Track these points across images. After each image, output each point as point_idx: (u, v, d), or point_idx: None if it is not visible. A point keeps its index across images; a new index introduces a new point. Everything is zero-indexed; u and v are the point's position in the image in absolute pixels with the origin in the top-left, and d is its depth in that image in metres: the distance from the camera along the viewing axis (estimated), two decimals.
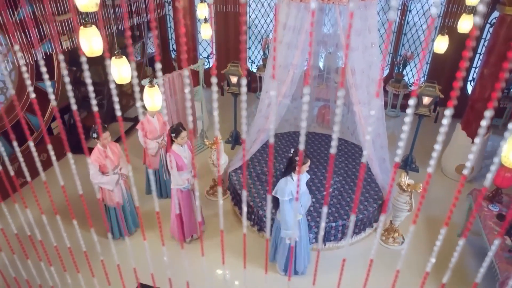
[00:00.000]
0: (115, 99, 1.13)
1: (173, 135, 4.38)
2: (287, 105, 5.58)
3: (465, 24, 5.02)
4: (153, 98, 4.24)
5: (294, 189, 3.85)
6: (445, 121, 0.75)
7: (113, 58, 3.59)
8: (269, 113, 5.37)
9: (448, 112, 0.73)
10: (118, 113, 1.10)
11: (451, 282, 4.25)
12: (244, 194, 1.21)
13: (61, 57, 1.06)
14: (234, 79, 6.45)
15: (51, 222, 1.78)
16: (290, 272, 4.40)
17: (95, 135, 4.35)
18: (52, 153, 1.35)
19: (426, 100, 5.74)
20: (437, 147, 0.84)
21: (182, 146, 4.47)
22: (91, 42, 3.07)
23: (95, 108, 1.08)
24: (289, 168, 3.92)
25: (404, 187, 4.56)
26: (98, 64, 6.95)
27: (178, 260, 4.40)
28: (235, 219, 5.47)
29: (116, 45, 4.51)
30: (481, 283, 4.43)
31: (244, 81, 0.95)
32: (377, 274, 4.38)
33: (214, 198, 5.88)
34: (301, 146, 1.04)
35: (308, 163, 3.91)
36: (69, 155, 1.31)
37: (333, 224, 4.76)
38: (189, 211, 4.74)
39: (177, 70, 6.39)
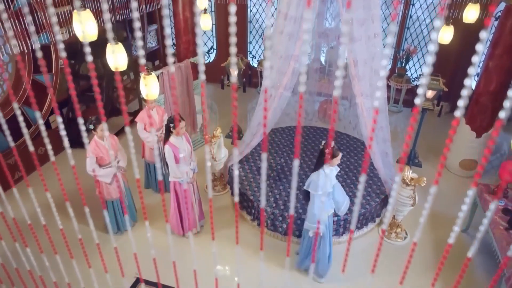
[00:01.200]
0: (100, 97, 1.06)
1: (171, 125, 4.31)
2: (288, 98, 5.48)
3: (471, 13, 4.89)
4: (149, 87, 4.12)
5: (326, 183, 3.75)
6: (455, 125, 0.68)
7: (109, 44, 3.44)
8: (270, 105, 5.28)
9: (459, 113, 0.66)
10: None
11: (454, 276, 4.18)
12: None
13: (39, 54, 0.99)
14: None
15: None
16: (314, 257, 4.22)
17: (91, 127, 4.30)
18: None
19: (429, 93, 5.65)
20: (445, 149, 0.77)
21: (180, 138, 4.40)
22: (85, 26, 2.96)
23: (77, 106, 1.01)
24: (320, 160, 3.84)
25: (407, 181, 4.48)
26: (96, 57, 6.86)
27: (175, 251, 4.37)
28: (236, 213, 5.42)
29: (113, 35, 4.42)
30: (487, 280, 4.37)
31: (234, 78, 0.88)
32: (379, 270, 4.33)
33: (214, 192, 5.83)
34: (298, 141, 0.97)
35: (340, 156, 3.81)
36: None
37: (335, 219, 4.70)
38: (188, 205, 4.69)
39: (177, 63, 6.30)
